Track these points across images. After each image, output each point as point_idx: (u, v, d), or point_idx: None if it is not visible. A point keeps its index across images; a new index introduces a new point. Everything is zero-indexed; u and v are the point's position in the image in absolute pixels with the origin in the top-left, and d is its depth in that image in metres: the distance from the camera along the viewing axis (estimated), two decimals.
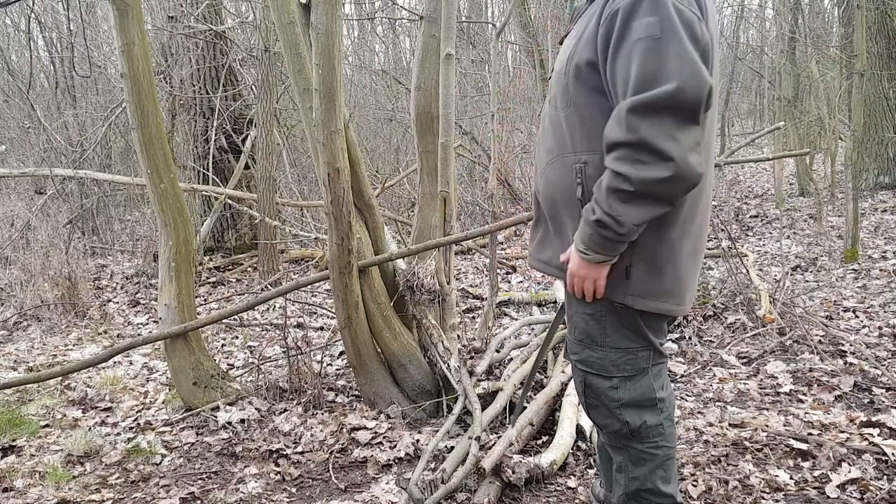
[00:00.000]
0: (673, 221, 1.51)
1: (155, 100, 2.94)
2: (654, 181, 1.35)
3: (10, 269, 5.66)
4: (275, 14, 2.68)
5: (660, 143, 1.32)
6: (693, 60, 1.32)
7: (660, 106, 1.32)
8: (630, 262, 1.53)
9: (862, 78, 5.02)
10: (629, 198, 1.38)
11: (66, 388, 3.46)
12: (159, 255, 3.13)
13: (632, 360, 1.63)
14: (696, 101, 1.32)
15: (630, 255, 1.52)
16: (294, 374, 3.12)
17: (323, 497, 2.35)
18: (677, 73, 1.31)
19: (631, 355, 1.63)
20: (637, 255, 1.52)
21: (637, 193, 1.37)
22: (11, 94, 8.99)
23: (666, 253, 1.52)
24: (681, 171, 1.35)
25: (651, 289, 1.54)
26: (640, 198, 1.37)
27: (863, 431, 2.46)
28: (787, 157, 5.70)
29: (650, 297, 1.55)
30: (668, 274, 1.54)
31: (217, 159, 6.53)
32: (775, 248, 5.81)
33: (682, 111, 1.32)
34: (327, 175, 2.51)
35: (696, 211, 1.55)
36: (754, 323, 3.71)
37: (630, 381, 1.64)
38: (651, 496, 1.68)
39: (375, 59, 11.62)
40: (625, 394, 1.64)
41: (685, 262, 1.56)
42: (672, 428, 1.70)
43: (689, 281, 1.59)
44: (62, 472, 2.58)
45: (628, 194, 1.37)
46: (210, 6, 6.40)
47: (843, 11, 8.41)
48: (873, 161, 7.90)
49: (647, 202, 1.38)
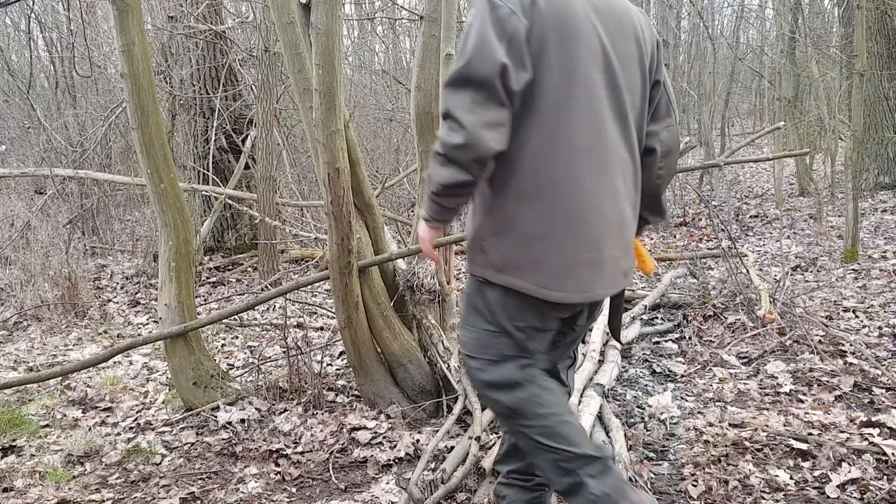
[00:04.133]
0: (507, 195, 1.60)
1: (155, 100, 2.94)
2: (452, 146, 1.49)
3: (10, 269, 5.66)
4: (275, 14, 2.68)
5: (457, 113, 1.48)
6: (485, 40, 1.47)
7: (459, 81, 1.49)
8: (484, 236, 1.65)
9: (862, 78, 5.02)
10: (437, 159, 1.54)
11: (66, 388, 3.46)
12: (159, 255, 3.13)
13: (492, 343, 1.67)
14: (483, 74, 1.46)
15: (483, 228, 1.65)
16: (294, 374, 3.12)
17: (323, 497, 2.34)
18: (469, 50, 1.48)
19: (490, 338, 1.67)
20: (486, 227, 1.65)
21: (443, 157, 1.52)
22: (11, 94, 8.99)
23: (505, 225, 1.62)
24: (471, 140, 1.47)
25: (502, 262, 1.62)
26: (445, 161, 1.53)
27: (863, 431, 2.46)
28: (787, 157, 5.70)
29: (506, 271, 1.62)
30: (516, 247, 1.61)
31: (217, 159, 6.53)
32: (775, 248, 5.81)
33: (480, 87, 1.47)
34: (327, 175, 2.51)
35: (554, 196, 1.58)
36: (754, 323, 3.71)
37: (494, 366, 1.67)
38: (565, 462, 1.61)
39: (375, 59, 11.61)
40: (488, 376, 1.68)
41: (537, 242, 1.60)
42: (550, 395, 1.67)
43: (551, 264, 1.60)
44: (62, 472, 2.58)
45: (437, 156, 1.54)
46: (210, 6, 6.40)
47: (843, 11, 8.41)
48: (873, 161, 7.90)
49: (449, 166, 1.52)
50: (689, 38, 12.34)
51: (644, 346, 3.67)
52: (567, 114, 1.56)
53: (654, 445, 2.51)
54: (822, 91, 7.49)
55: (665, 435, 2.58)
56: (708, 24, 11.18)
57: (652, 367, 3.36)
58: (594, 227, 1.61)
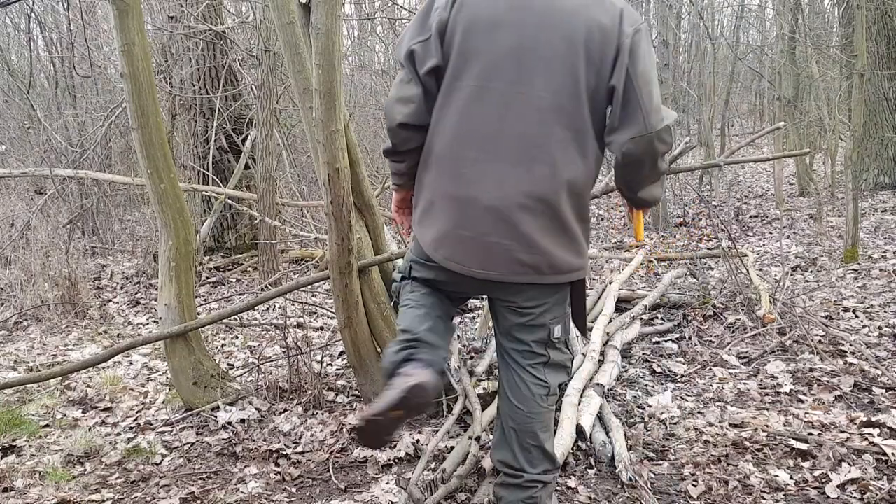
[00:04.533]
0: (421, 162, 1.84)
1: (155, 100, 2.94)
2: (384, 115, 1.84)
3: (10, 269, 5.66)
4: (275, 14, 2.68)
5: (391, 90, 1.82)
6: (409, 29, 1.77)
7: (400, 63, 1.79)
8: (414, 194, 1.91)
9: (862, 78, 5.02)
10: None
11: (66, 388, 3.46)
12: (159, 255, 3.13)
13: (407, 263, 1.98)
14: (400, 56, 1.76)
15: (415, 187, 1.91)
16: (294, 374, 3.12)
17: (323, 497, 2.34)
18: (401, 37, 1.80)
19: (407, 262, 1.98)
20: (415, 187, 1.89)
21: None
22: (11, 94, 8.99)
23: (417, 187, 1.87)
24: (386, 111, 1.80)
25: (416, 217, 1.87)
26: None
27: (863, 431, 2.46)
28: (787, 157, 5.70)
29: (415, 224, 1.88)
30: (416, 206, 1.87)
31: (217, 159, 6.52)
32: (775, 248, 5.82)
33: (402, 68, 1.76)
34: (327, 175, 2.51)
35: (438, 171, 1.77)
36: (754, 323, 3.71)
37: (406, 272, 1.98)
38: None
39: (375, 59, 11.60)
40: (398, 275, 2.04)
41: (427, 207, 1.81)
42: (416, 299, 1.91)
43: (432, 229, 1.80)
44: (62, 472, 2.58)
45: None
46: (210, 6, 6.40)
47: (843, 11, 8.40)
48: (873, 161, 7.90)
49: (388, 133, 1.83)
50: (689, 38, 12.34)
51: (644, 346, 3.67)
52: (455, 100, 1.72)
53: (654, 445, 2.51)
54: (822, 91, 7.49)
55: (665, 435, 2.58)
56: (708, 24, 11.17)
57: (652, 367, 3.36)
58: (469, 210, 1.72)
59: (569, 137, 1.69)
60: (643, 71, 1.66)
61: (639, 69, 1.65)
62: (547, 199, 1.70)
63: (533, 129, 1.68)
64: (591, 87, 1.68)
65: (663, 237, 7.08)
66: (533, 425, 1.90)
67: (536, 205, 1.70)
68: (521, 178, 1.69)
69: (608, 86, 1.68)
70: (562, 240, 1.75)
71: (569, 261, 1.78)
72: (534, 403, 1.89)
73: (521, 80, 1.66)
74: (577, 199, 1.74)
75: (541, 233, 1.71)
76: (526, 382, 1.89)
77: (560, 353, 1.93)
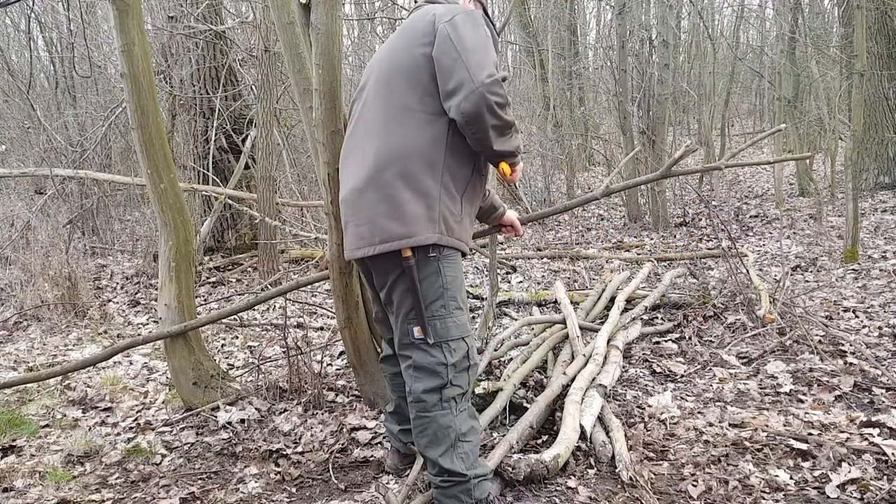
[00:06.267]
0: None
1: (155, 100, 2.94)
2: None
3: (10, 269, 5.66)
4: (275, 14, 2.68)
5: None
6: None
7: None
8: None
9: (862, 78, 5.02)
10: None
11: (66, 388, 3.46)
12: (159, 255, 3.13)
13: None
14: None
15: None
16: (294, 374, 3.12)
17: (323, 497, 2.34)
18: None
19: None
20: None
21: None
22: (11, 94, 8.98)
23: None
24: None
25: None
26: None
27: (863, 431, 2.46)
28: (789, 160, 5.69)
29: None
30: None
31: (217, 159, 6.53)
32: (775, 248, 5.82)
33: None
34: (327, 175, 2.51)
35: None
36: (754, 323, 3.71)
37: None
38: None
39: None
40: None
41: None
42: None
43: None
44: (62, 472, 2.58)
45: None
46: (210, 6, 6.40)
47: (843, 11, 8.41)
48: (873, 161, 7.90)
49: None
50: (689, 38, 12.34)
51: (644, 346, 3.67)
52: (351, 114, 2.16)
53: (654, 445, 2.50)
54: (822, 91, 7.50)
55: (665, 435, 2.58)
56: (708, 24, 11.17)
57: (652, 367, 3.36)
58: (344, 198, 2.06)
59: (414, 115, 1.98)
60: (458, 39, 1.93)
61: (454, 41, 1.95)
62: (375, 177, 1.96)
63: (384, 119, 2.03)
64: (424, 67, 1.97)
65: (663, 237, 7.08)
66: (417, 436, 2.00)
67: (369, 184, 1.97)
68: (366, 161, 2.02)
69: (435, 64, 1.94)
70: (384, 207, 1.93)
71: (392, 229, 1.92)
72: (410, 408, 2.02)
73: (375, 82, 2.10)
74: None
75: (366, 207, 1.97)
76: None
77: (427, 355, 1.94)
